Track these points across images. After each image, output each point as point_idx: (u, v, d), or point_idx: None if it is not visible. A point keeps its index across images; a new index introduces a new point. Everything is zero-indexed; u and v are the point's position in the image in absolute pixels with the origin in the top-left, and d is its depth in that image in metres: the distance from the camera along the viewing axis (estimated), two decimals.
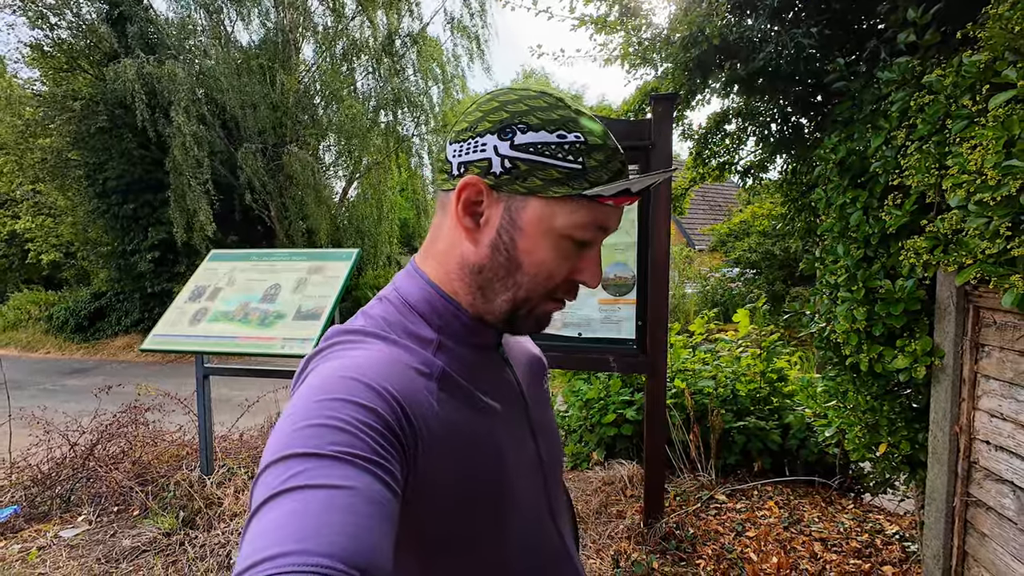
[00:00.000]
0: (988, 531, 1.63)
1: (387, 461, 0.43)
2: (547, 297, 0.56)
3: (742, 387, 3.25)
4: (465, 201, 0.53)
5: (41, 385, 8.42)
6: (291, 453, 0.40)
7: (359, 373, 0.48)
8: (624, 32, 2.30)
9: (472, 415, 0.55)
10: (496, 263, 0.54)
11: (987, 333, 1.61)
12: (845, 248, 1.93)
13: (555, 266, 0.54)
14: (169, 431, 3.64)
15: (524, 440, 0.63)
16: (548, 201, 0.51)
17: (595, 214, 0.52)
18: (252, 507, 0.39)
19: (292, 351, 2.45)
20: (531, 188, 0.51)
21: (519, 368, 0.67)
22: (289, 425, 0.43)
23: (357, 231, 12.45)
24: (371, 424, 0.44)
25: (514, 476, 0.58)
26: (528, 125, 0.51)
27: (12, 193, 13.62)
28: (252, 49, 11.52)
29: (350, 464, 0.40)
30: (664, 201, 2.29)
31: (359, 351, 0.52)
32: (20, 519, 2.91)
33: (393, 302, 0.59)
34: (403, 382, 0.49)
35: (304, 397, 0.46)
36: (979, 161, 1.23)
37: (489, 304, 0.56)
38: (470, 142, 0.53)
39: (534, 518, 0.62)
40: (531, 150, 0.50)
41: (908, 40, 1.64)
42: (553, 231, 0.52)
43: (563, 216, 0.51)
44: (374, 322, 0.56)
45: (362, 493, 0.39)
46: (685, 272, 10.78)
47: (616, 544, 2.37)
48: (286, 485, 0.38)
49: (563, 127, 0.51)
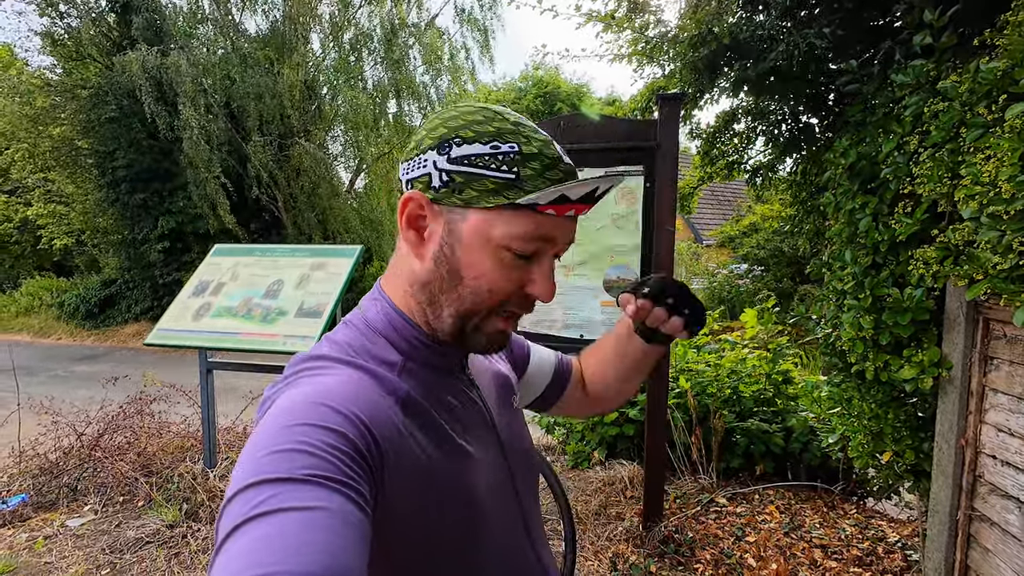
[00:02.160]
0: (991, 546, 1.60)
1: (357, 483, 0.43)
2: (494, 312, 0.55)
3: (746, 388, 3.22)
4: (408, 216, 0.55)
5: (52, 371, 8.55)
6: (260, 479, 0.40)
7: (326, 398, 0.48)
8: (631, 30, 2.26)
9: (439, 440, 0.55)
10: (439, 276, 0.55)
11: (997, 346, 1.57)
12: (853, 254, 1.90)
13: (496, 278, 0.53)
14: (174, 422, 3.68)
15: (495, 460, 0.63)
16: (485, 212, 0.51)
17: (535, 225, 0.52)
18: (220, 536, 0.38)
19: (293, 348, 2.46)
20: (467, 200, 0.51)
21: (485, 388, 0.67)
22: (256, 452, 0.43)
23: (365, 221, 12.46)
24: (340, 447, 0.44)
25: (486, 499, 0.58)
26: (463, 138, 0.51)
27: (24, 181, 13.75)
28: (260, 38, 11.49)
29: (321, 486, 0.40)
30: (668, 203, 2.26)
31: (325, 377, 0.52)
32: (28, 507, 2.96)
33: (358, 326, 0.59)
34: (370, 406, 0.49)
35: (270, 424, 0.45)
36: (993, 173, 1.20)
37: (439, 320, 0.56)
38: (415, 159, 0.54)
39: (509, 540, 0.63)
40: (465, 162, 0.51)
41: (924, 43, 1.59)
42: (491, 242, 0.52)
43: (500, 227, 0.51)
44: (339, 348, 0.57)
45: (336, 513, 0.39)
46: (692, 268, 10.69)
47: (614, 546, 2.37)
48: (257, 511, 0.38)
49: (497, 138, 0.51)
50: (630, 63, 2.47)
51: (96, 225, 12.31)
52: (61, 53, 11.04)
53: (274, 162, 10.67)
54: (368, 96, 11.49)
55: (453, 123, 0.53)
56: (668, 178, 2.25)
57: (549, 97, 19.56)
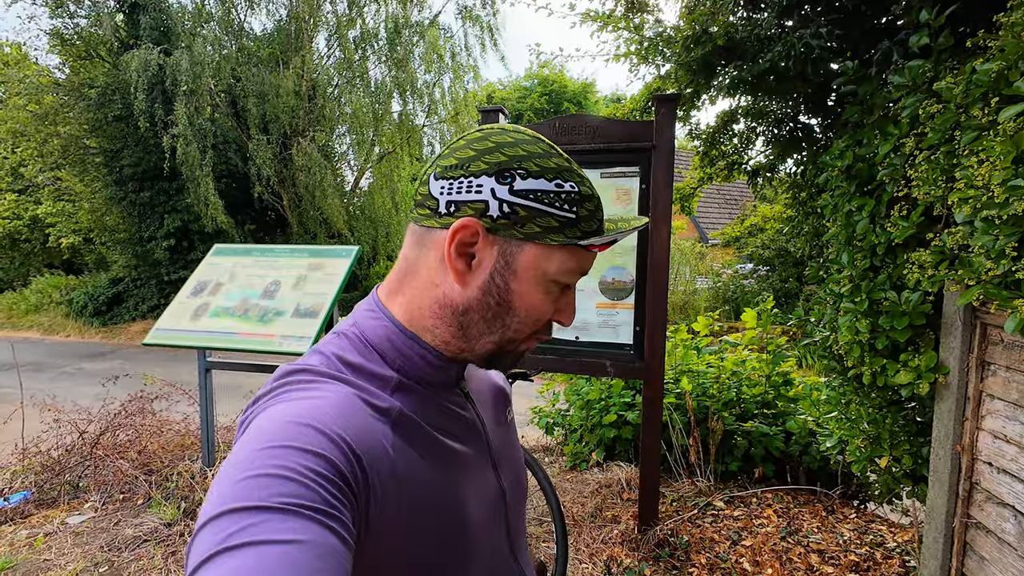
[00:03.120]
0: (987, 554, 1.58)
1: (339, 511, 0.41)
2: (531, 337, 0.58)
3: (747, 390, 3.19)
4: (459, 243, 0.52)
5: (61, 368, 8.65)
6: (234, 507, 0.38)
7: (309, 418, 0.45)
8: (627, 30, 2.24)
9: (431, 459, 0.54)
10: (485, 305, 0.54)
11: (994, 351, 1.55)
12: (850, 257, 1.87)
13: (545, 310, 0.56)
14: (175, 420, 3.71)
15: (485, 475, 0.62)
16: (544, 248, 0.53)
17: (581, 260, 0.55)
18: (187, 570, 0.37)
19: (289, 348, 2.47)
20: (528, 234, 0.52)
21: (481, 402, 0.66)
22: (232, 476, 0.40)
23: (369, 220, 12.49)
24: (321, 472, 0.42)
25: (475, 520, 0.57)
26: (528, 171, 0.51)
27: (34, 179, 13.91)
28: (264, 37, 11.54)
29: (299, 516, 0.38)
30: (664, 203, 2.24)
31: (310, 393, 0.50)
32: (30, 504, 2.99)
33: (351, 339, 0.56)
34: (357, 427, 0.47)
35: (248, 445, 0.43)
36: (987, 176, 1.17)
37: (470, 344, 0.56)
38: (462, 181, 0.52)
39: (496, 557, 0.62)
40: (531, 197, 0.51)
41: (921, 43, 1.56)
42: (547, 276, 0.54)
43: (557, 263, 0.53)
44: (328, 360, 0.54)
45: (313, 547, 0.37)
46: (697, 268, 10.63)
47: (609, 550, 2.36)
48: (229, 543, 0.36)
49: (559, 176, 0.52)
50: (627, 61, 2.46)
51: (104, 223, 12.44)
52: (70, 52, 11.14)
53: (279, 161, 10.72)
54: (372, 95, 11.51)
55: (512, 151, 0.52)
56: (664, 179, 2.23)
57: (554, 96, 19.51)
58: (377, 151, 12.41)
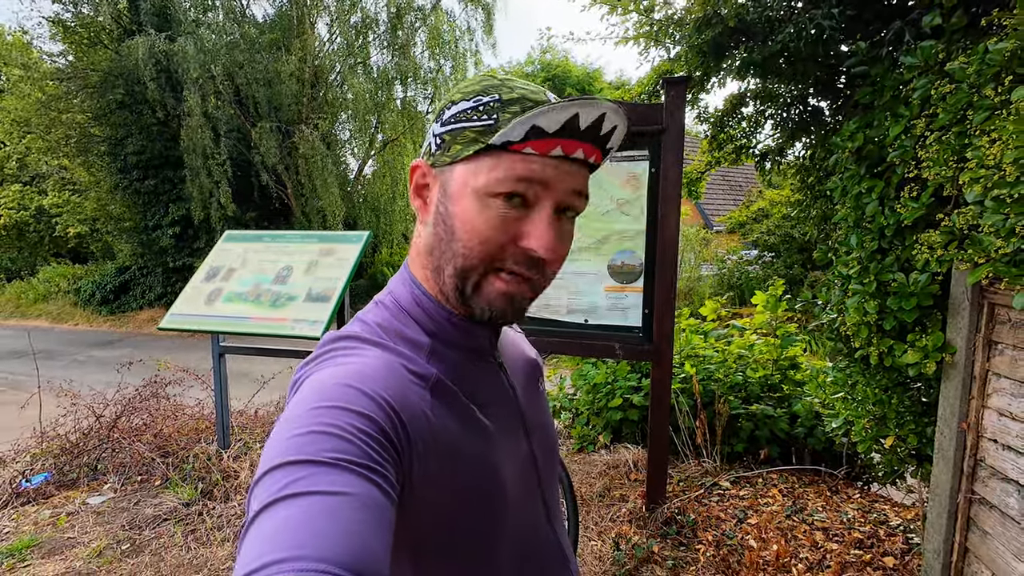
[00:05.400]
0: (991, 529, 1.62)
1: (382, 467, 0.43)
2: (490, 268, 0.53)
3: (753, 374, 3.22)
4: (415, 186, 0.57)
5: (72, 356, 8.75)
6: (287, 460, 0.41)
7: (354, 380, 0.48)
8: (636, 12, 2.23)
9: (466, 425, 0.56)
10: (439, 238, 0.55)
11: (1001, 330, 1.57)
12: (859, 239, 1.89)
13: (486, 228, 0.51)
14: (189, 405, 3.78)
15: (518, 442, 0.64)
16: (468, 163, 0.52)
17: (517, 166, 0.49)
18: (249, 515, 0.40)
19: (302, 332, 2.50)
20: (454, 155, 0.52)
21: (513, 371, 0.67)
22: (285, 433, 0.43)
23: (372, 208, 12.48)
24: (366, 430, 0.44)
25: (509, 484, 0.59)
26: (453, 102, 0.53)
27: (40, 168, 13.94)
28: (266, 23, 11.44)
29: (346, 470, 0.41)
30: (674, 187, 2.25)
31: (354, 358, 0.53)
32: (51, 486, 3.07)
33: (388, 307, 0.59)
34: (398, 390, 0.50)
35: (299, 405, 0.46)
36: (998, 156, 1.18)
37: (443, 284, 0.56)
38: (425, 137, 0.58)
39: (530, 524, 0.64)
40: (452, 120, 0.52)
41: (933, 23, 1.56)
42: (478, 191, 0.51)
43: (483, 174, 0.50)
44: (369, 328, 0.57)
45: (358, 499, 0.40)
46: (702, 254, 10.61)
47: (617, 527, 2.41)
48: (283, 492, 0.39)
49: (482, 92, 0.52)
50: (637, 44, 2.45)
51: (109, 212, 12.49)
52: (72, 39, 11.09)
53: (282, 149, 10.70)
54: (374, 82, 11.43)
55: (450, 96, 0.55)
56: (674, 162, 2.24)
57: (558, 81, 19.31)
58: (380, 138, 12.35)
